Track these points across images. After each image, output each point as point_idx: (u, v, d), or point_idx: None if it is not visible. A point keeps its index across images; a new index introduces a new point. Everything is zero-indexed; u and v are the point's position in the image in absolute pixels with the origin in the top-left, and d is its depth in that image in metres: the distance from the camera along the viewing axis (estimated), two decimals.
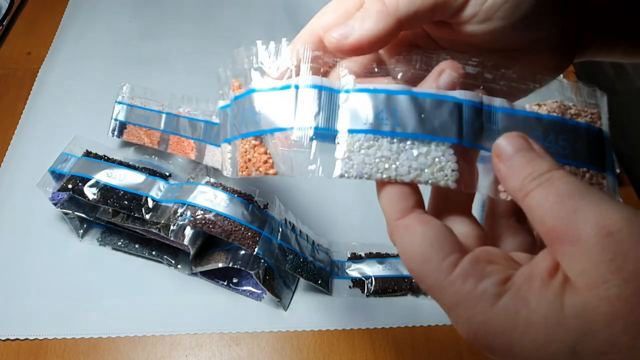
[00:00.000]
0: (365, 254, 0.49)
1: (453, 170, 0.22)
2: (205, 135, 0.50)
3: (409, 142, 0.22)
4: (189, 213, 0.42)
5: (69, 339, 0.44)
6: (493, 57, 0.24)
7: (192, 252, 0.44)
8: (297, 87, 0.23)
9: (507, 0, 0.22)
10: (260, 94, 0.24)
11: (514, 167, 0.20)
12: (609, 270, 0.16)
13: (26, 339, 0.44)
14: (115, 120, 0.54)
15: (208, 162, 0.48)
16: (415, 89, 0.22)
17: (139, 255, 0.48)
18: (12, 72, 0.65)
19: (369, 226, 0.51)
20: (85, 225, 0.49)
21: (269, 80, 0.24)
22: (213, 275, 0.47)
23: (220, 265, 0.43)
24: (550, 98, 0.24)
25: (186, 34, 0.70)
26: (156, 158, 0.51)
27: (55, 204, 0.46)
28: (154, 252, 0.48)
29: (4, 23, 0.71)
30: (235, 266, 0.42)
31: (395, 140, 0.22)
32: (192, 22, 0.72)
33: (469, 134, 0.22)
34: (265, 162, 0.24)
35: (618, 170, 0.54)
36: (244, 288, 0.46)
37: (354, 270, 0.47)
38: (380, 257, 0.48)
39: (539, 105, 0.23)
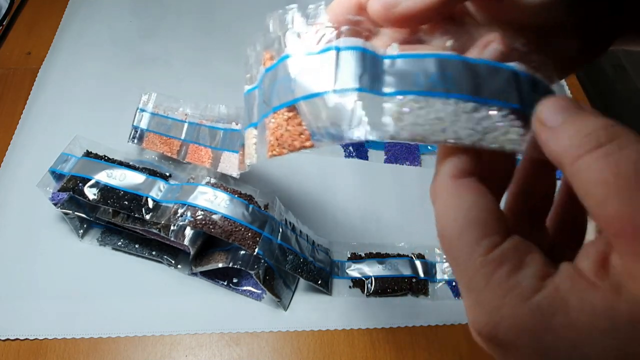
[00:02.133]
0: (365, 254, 0.49)
1: (519, 135, 0.19)
2: (223, 143, 0.49)
3: (467, 104, 0.20)
4: (189, 213, 0.42)
5: (69, 339, 0.44)
6: (530, 35, 0.22)
7: (192, 252, 0.44)
8: (338, 48, 0.21)
9: None
10: (296, 59, 0.22)
11: (560, 127, 0.17)
12: None
13: (26, 339, 0.44)
14: (137, 127, 0.53)
15: (223, 169, 0.47)
16: (467, 56, 0.20)
17: (139, 255, 0.48)
18: (12, 72, 0.65)
19: (369, 226, 0.51)
20: (85, 225, 0.49)
21: (305, 44, 0.22)
22: (213, 275, 0.47)
23: (220, 265, 0.43)
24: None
25: (186, 34, 0.70)
26: (156, 158, 0.51)
27: (55, 204, 0.46)
28: (154, 252, 0.48)
29: (4, 23, 0.71)
30: (235, 266, 0.42)
31: (451, 101, 0.20)
32: (192, 22, 0.72)
33: (530, 104, 0.19)
34: (301, 134, 0.22)
35: None
36: (244, 288, 0.46)
37: (354, 270, 0.47)
38: (380, 257, 0.48)
39: None
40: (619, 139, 0.15)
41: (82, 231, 0.49)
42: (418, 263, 0.47)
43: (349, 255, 0.49)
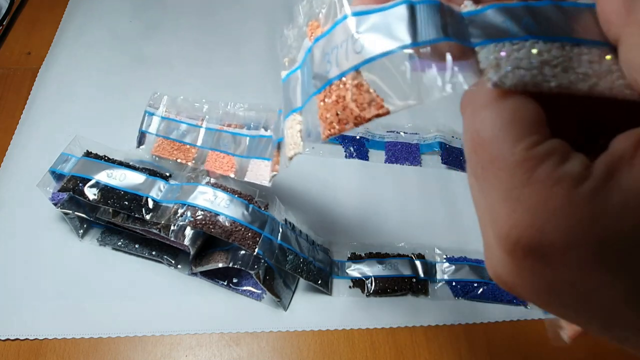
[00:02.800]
0: (365, 254, 0.49)
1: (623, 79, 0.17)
2: (250, 151, 0.45)
3: (573, 48, 0.18)
4: (189, 213, 0.42)
5: (69, 339, 0.44)
6: None
7: (192, 252, 0.44)
8: (412, 2, 0.19)
9: None
10: (359, 18, 0.19)
11: None
12: None
13: (26, 339, 0.44)
14: (144, 132, 0.50)
15: (251, 178, 0.44)
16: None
17: (139, 255, 0.48)
18: (12, 72, 0.65)
19: (369, 226, 0.51)
20: (85, 225, 0.49)
21: (367, 2, 0.20)
22: (213, 275, 0.47)
23: (220, 265, 0.43)
24: None
25: (186, 34, 0.71)
26: (157, 158, 0.51)
27: (55, 204, 0.46)
28: (154, 252, 0.48)
29: (4, 23, 0.71)
30: (235, 266, 0.42)
31: (554, 45, 0.17)
32: (192, 22, 0.72)
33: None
34: (371, 101, 0.19)
35: None
36: (244, 288, 0.46)
37: (354, 270, 0.47)
38: (380, 257, 0.48)
39: None
40: None
41: (82, 231, 0.49)
42: (418, 263, 0.47)
43: (349, 255, 0.49)
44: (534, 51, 0.17)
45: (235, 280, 0.46)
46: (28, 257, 0.48)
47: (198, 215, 0.42)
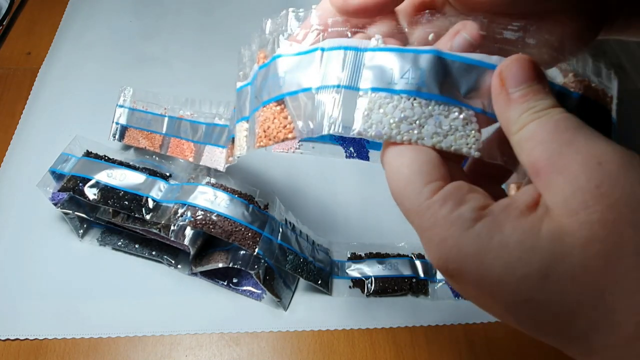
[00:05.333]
0: (365, 254, 0.49)
1: (477, 140, 0.21)
2: (205, 138, 0.50)
3: (434, 106, 0.21)
4: (189, 213, 0.42)
5: (69, 339, 0.44)
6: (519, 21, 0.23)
7: (192, 252, 0.44)
8: (322, 49, 0.23)
9: None
10: (286, 59, 0.24)
11: (517, 96, 0.19)
12: (593, 196, 0.16)
13: (26, 339, 0.44)
14: (117, 123, 0.54)
15: (206, 162, 0.48)
16: (444, 50, 0.21)
17: (139, 255, 0.48)
18: (12, 72, 0.65)
19: (369, 226, 0.51)
20: (85, 225, 0.49)
21: (295, 45, 0.24)
22: (213, 275, 0.47)
23: (220, 265, 0.43)
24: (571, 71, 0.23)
25: (186, 34, 0.70)
26: (157, 158, 0.51)
27: (55, 204, 0.46)
28: (154, 252, 0.48)
29: (4, 23, 0.71)
30: (235, 266, 0.42)
31: (419, 102, 0.21)
32: (192, 22, 0.72)
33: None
34: (285, 126, 0.24)
35: None
36: (244, 288, 0.46)
37: (354, 270, 0.47)
38: (380, 257, 0.48)
39: (565, 73, 0.23)
40: (544, 116, 0.18)
41: (82, 231, 0.49)
42: (418, 263, 0.47)
43: (349, 255, 0.49)
44: (400, 107, 0.21)
45: (235, 280, 0.46)
46: (28, 257, 0.48)
47: (198, 215, 0.42)
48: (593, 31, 0.24)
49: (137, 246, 0.48)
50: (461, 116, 0.21)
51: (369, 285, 0.46)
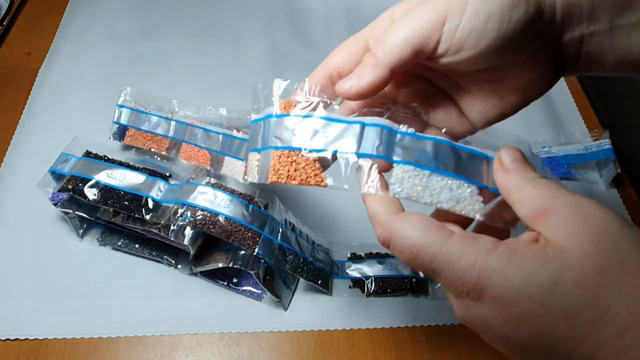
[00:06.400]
0: (365, 254, 0.49)
1: (481, 207, 0.27)
2: (223, 148, 0.49)
3: (448, 180, 0.28)
4: (189, 213, 0.42)
5: (69, 339, 0.44)
6: (483, 76, 0.29)
7: (192, 252, 0.44)
8: (363, 124, 0.28)
9: (470, 33, 0.26)
10: (326, 122, 0.29)
11: (512, 171, 0.26)
12: (583, 228, 0.22)
13: (26, 339, 0.44)
14: (117, 123, 0.54)
15: (226, 172, 0.48)
16: (455, 142, 0.28)
17: (139, 255, 0.48)
18: (12, 72, 0.65)
19: (369, 226, 0.51)
20: (85, 225, 0.49)
21: (302, 108, 0.29)
22: (213, 275, 0.47)
23: (220, 265, 0.43)
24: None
25: (186, 34, 0.71)
26: (158, 158, 0.51)
27: (55, 204, 0.46)
28: (154, 252, 0.48)
29: (4, 23, 0.71)
30: (235, 266, 0.42)
31: (438, 176, 0.28)
32: (192, 22, 0.72)
33: (493, 182, 0.27)
34: (316, 175, 0.28)
35: (619, 170, 0.54)
36: (244, 288, 0.46)
37: (354, 270, 0.47)
38: (380, 257, 0.48)
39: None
40: (535, 181, 0.25)
41: (82, 231, 0.49)
42: None
43: (349, 255, 0.49)
44: (424, 179, 0.28)
45: (235, 280, 0.46)
46: (28, 257, 0.48)
47: (198, 215, 0.42)
48: (556, 74, 0.29)
49: (137, 246, 0.48)
50: (469, 190, 0.28)
51: (369, 285, 0.46)
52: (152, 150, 0.52)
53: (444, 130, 0.31)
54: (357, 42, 0.30)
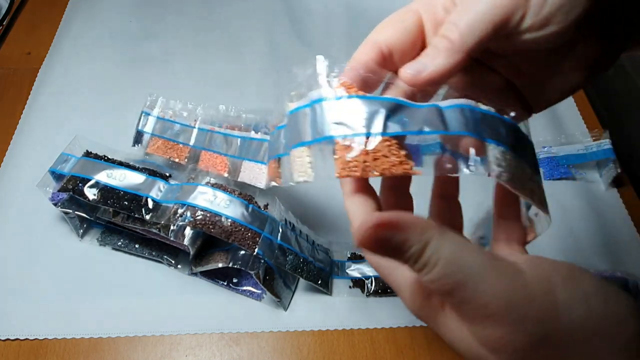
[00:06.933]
0: None
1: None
2: (241, 152, 0.47)
3: (525, 165, 0.25)
4: (189, 214, 0.42)
5: (69, 339, 0.44)
6: (538, 57, 0.26)
7: (192, 252, 0.44)
8: (438, 106, 0.25)
9: (560, 7, 0.24)
10: (408, 107, 0.25)
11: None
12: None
13: (26, 339, 0.44)
14: (141, 131, 0.51)
15: (244, 179, 0.45)
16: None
17: (139, 255, 0.48)
18: (12, 72, 0.65)
19: None
20: (85, 225, 0.49)
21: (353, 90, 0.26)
22: (213, 275, 0.47)
23: (220, 265, 0.43)
24: None
25: (186, 34, 0.70)
26: (147, 156, 0.50)
27: (55, 204, 0.46)
28: (154, 252, 0.48)
29: (4, 23, 0.71)
30: (235, 266, 0.42)
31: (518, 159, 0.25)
32: (192, 22, 0.72)
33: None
34: (401, 162, 0.24)
35: (619, 170, 0.54)
36: (244, 288, 0.46)
37: (354, 270, 0.47)
38: None
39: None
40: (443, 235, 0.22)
41: (82, 231, 0.49)
42: None
43: (349, 255, 0.49)
44: (516, 161, 0.25)
45: (235, 280, 0.46)
46: (28, 257, 0.48)
47: (198, 216, 0.42)
48: (614, 55, 0.27)
49: (137, 246, 0.48)
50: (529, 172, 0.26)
51: (369, 285, 0.46)
52: (171, 159, 0.50)
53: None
54: (410, 16, 0.27)
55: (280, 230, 0.44)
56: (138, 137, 0.51)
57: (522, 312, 0.20)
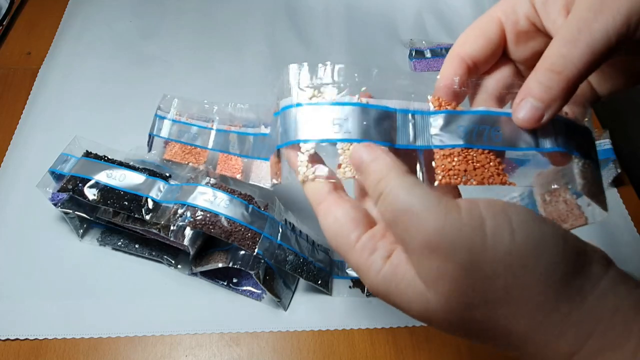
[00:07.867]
0: None
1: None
2: (254, 151, 0.44)
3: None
4: (188, 214, 0.42)
5: (69, 339, 0.44)
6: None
7: (192, 252, 0.44)
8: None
9: None
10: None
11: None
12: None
13: (26, 339, 0.44)
14: (156, 136, 0.49)
15: (254, 180, 0.43)
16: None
17: (139, 255, 0.48)
18: (12, 72, 0.65)
19: None
20: (85, 225, 0.49)
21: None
22: (213, 275, 0.47)
23: (220, 265, 0.43)
24: None
25: (186, 34, 0.70)
26: (165, 161, 0.50)
27: (55, 204, 0.46)
28: (154, 252, 0.48)
29: (4, 23, 0.71)
30: (235, 266, 0.42)
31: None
32: (192, 22, 0.72)
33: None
34: (499, 173, 0.26)
35: (619, 171, 0.54)
36: (244, 288, 0.46)
37: (354, 271, 0.47)
38: None
39: None
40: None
41: (82, 231, 0.49)
42: None
43: None
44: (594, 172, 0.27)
45: (235, 280, 0.46)
46: (28, 257, 0.48)
47: (198, 216, 0.42)
48: None
49: (137, 246, 0.48)
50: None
51: None
52: (191, 165, 0.47)
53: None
54: (491, 26, 0.27)
55: (280, 230, 0.44)
56: (152, 142, 0.49)
57: (452, 240, 0.22)
